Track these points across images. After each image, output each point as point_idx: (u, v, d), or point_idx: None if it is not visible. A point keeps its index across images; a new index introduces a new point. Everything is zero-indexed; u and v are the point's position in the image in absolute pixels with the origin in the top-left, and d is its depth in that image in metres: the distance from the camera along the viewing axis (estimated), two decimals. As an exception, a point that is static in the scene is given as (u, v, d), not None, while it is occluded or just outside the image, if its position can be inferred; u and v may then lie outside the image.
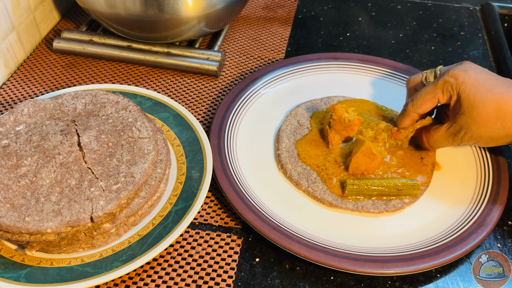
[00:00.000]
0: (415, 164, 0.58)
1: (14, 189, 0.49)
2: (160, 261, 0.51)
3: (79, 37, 0.76)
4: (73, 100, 0.59)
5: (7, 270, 0.48)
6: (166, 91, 0.71)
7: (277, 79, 0.70)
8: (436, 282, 0.50)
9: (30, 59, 0.76)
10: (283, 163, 0.59)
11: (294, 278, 0.50)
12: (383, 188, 0.55)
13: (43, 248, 0.50)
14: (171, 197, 0.55)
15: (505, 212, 0.56)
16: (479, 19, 0.87)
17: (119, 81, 0.73)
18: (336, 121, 0.58)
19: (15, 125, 0.55)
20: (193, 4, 0.66)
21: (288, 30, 0.83)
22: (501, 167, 0.58)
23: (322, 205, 0.56)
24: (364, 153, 0.55)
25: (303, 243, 0.50)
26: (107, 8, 0.66)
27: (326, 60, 0.73)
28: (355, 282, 0.50)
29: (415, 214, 0.55)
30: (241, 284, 0.50)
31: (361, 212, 0.55)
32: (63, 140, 0.52)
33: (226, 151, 0.60)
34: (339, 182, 0.57)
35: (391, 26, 0.85)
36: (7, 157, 0.51)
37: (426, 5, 0.90)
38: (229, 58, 0.77)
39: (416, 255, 0.50)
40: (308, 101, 0.67)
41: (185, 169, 0.57)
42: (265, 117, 0.66)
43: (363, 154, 0.55)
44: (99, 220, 0.48)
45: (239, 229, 0.54)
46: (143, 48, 0.74)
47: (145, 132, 0.55)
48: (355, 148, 0.57)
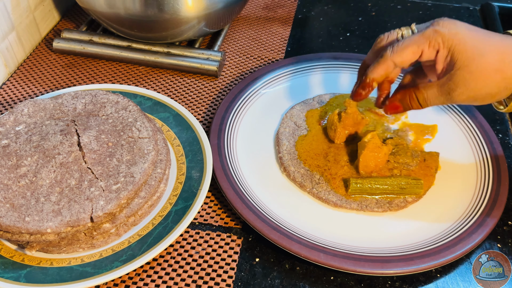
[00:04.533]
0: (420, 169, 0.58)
1: (14, 189, 0.49)
2: (160, 261, 0.51)
3: (79, 37, 0.76)
4: (73, 100, 0.59)
5: (7, 270, 0.48)
6: (166, 91, 0.71)
7: (277, 79, 0.70)
8: (436, 282, 0.50)
9: (30, 59, 0.76)
10: (286, 166, 0.59)
11: (294, 278, 0.50)
12: (386, 187, 0.55)
13: (43, 248, 0.50)
14: (171, 197, 0.55)
15: (505, 212, 0.56)
16: (479, 19, 0.87)
17: (119, 81, 0.73)
18: (349, 115, 0.58)
19: (15, 125, 0.55)
20: (193, 4, 0.66)
21: (288, 30, 0.83)
22: (501, 167, 0.58)
23: (327, 206, 0.56)
24: (370, 149, 0.55)
25: (303, 243, 0.50)
26: (107, 8, 0.66)
27: (326, 60, 0.73)
28: (355, 282, 0.50)
29: (416, 213, 0.55)
30: (241, 284, 0.50)
31: (365, 212, 0.55)
32: (63, 140, 0.52)
33: (226, 151, 0.60)
34: (342, 182, 0.57)
35: (391, 26, 0.85)
36: (7, 157, 0.51)
37: (426, 5, 0.90)
38: (229, 58, 0.77)
39: (416, 255, 0.50)
40: (301, 102, 0.67)
41: (185, 169, 0.57)
42: (265, 117, 0.66)
43: (369, 150, 0.55)
44: (99, 220, 0.48)
45: (239, 229, 0.54)
46: (143, 48, 0.74)
47: (145, 132, 0.55)
48: (359, 150, 0.57)
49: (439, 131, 0.63)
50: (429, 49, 0.48)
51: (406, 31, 0.51)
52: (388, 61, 0.49)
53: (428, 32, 0.47)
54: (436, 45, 0.47)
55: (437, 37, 0.47)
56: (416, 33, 0.48)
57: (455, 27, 0.47)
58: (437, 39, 0.47)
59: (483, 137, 0.62)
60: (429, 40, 0.47)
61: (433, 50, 0.48)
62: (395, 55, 0.48)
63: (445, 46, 0.47)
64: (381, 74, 0.50)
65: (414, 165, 0.57)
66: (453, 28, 0.46)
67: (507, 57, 0.46)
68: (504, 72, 0.46)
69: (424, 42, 0.47)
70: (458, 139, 0.63)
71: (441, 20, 0.48)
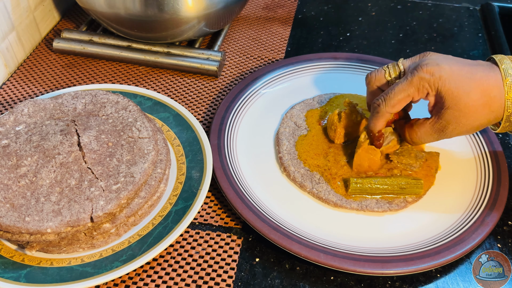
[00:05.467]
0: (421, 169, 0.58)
1: (14, 189, 0.49)
2: (160, 261, 0.51)
3: (79, 37, 0.76)
4: (73, 100, 0.59)
5: (7, 270, 0.48)
6: (166, 91, 0.71)
7: (277, 79, 0.70)
8: (436, 282, 0.50)
9: (30, 59, 0.76)
10: (286, 166, 0.59)
11: (294, 278, 0.50)
12: (386, 187, 0.55)
13: (43, 248, 0.50)
14: (171, 197, 0.55)
15: (505, 212, 0.56)
16: (479, 19, 0.87)
17: (119, 81, 0.73)
18: (349, 115, 0.58)
19: (15, 125, 0.55)
20: (193, 4, 0.66)
21: (288, 30, 0.83)
22: (501, 167, 0.58)
23: (327, 206, 0.56)
24: (366, 149, 0.55)
25: (303, 243, 0.50)
26: (107, 8, 0.66)
27: (326, 60, 0.73)
28: (355, 282, 0.50)
29: (416, 214, 0.55)
30: (241, 284, 0.50)
31: (365, 212, 0.55)
32: (63, 140, 0.52)
33: (226, 151, 0.60)
34: (343, 181, 0.57)
35: (391, 26, 0.85)
36: (7, 157, 0.51)
37: (426, 5, 0.90)
38: (229, 58, 0.77)
39: (416, 255, 0.50)
40: (301, 102, 0.67)
41: (185, 169, 0.57)
42: (265, 117, 0.66)
43: (365, 151, 0.55)
44: (99, 220, 0.48)
45: (239, 229, 0.54)
46: (143, 48, 0.74)
47: (145, 132, 0.55)
48: (356, 148, 0.57)
49: None
50: (419, 94, 0.51)
51: (392, 68, 0.55)
52: (385, 114, 0.54)
53: (414, 80, 0.51)
54: (425, 90, 0.51)
55: (424, 83, 0.50)
56: (403, 80, 0.52)
57: (438, 70, 0.50)
58: (424, 84, 0.50)
59: (483, 137, 0.62)
60: (417, 87, 0.51)
61: (423, 94, 0.51)
62: (388, 107, 0.53)
63: (432, 89, 0.50)
64: (383, 125, 0.55)
65: (417, 167, 0.57)
66: (437, 72, 0.50)
67: (491, 92, 0.49)
68: (491, 106, 0.49)
69: (412, 89, 0.51)
70: (458, 139, 0.63)
71: (424, 63, 0.51)
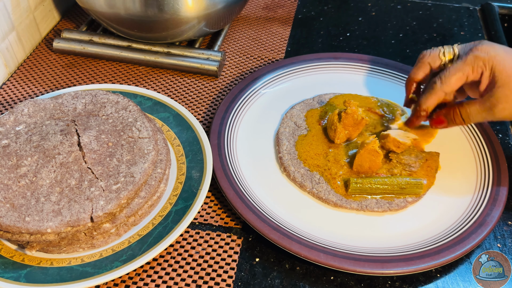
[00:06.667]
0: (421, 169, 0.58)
1: (14, 189, 0.49)
2: (160, 261, 0.51)
3: (79, 37, 0.76)
4: (73, 100, 0.59)
5: (7, 270, 0.48)
6: (166, 91, 0.71)
7: (277, 79, 0.70)
8: (436, 282, 0.50)
9: (30, 59, 0.76)
10: (286, 166, 0.59)
11: (294, 278, 0.50)
12: (386, 187, 0.55)
13: (43, 248, 0.50)
14: (171, 197, 0.55)
15: (505, 212, 0.56)
16: (479, 19, 0.87)
17: (119, 81, 0.73)
18: (349, 115, 0.58)
19: (15, 125, 0.55)
20: (193, 4, 0.66)
21: (288, 30, 0.83)
22: (501, 167, 0.58)
23: (327, 206, 0.56)
24: (369, 151, 0.55)
25: (303, 243, 0.50)
26: (107, 8, 0.66)
27: (326, 60, 0.73)
28: (355, 282, 0.50)
29: (416, 213, 0.55)
30: (241, 284, 0.50)
31: (365, 212, 0.55)
32: (63, 140, 0.52)
33: (226, 151, 0.60)
34: (342, 182, 0.57)
35: (391, 26, 0.85)
36: (7, 157, 0.51)
37: (426, 5, 0.90)
38: (229, 58, 0.77)
39: (416, 255, 0.50)
40: (301, 102, 0.67)
41: (185, 169, 0.57)
42: (265, 117, 0.66)
43: (367, 152, 0.55)
44: (99, 220, 0.48)
45: (239, 229, 0.54)
46: (143, 48, 0.74)
47: (145, 132, 0.55)
48: (358, 148, 0.57)
49: (439, 131, 0.63)
50: (473, 73, 0.52)
51: (447, 49, 0.56)
52: (439, 92, 0.54)
53: (469, 59, 0.52)
54: (479, 69, 0.52)
55: (479, 62, 0.52)
56: (459, 61, 0.53)
57: (493, 49, 0.52)
58: (479, 63, 0.52)
59: (483, 137, 0.62)
60: (472, 66, 0.52)
61: (477, 74, 0.52)
62: (444, 85, 0.54)
63: (487, 67, 0.52)
64: (434, 104, 0.56)
65: (416, 167, 0.57)
66: (492, 51, 0.51)
67: None
68: None
69: (468, 68, 0.52)
70: (458, 139, 0.63)
71: (480, 44, 0.53)
